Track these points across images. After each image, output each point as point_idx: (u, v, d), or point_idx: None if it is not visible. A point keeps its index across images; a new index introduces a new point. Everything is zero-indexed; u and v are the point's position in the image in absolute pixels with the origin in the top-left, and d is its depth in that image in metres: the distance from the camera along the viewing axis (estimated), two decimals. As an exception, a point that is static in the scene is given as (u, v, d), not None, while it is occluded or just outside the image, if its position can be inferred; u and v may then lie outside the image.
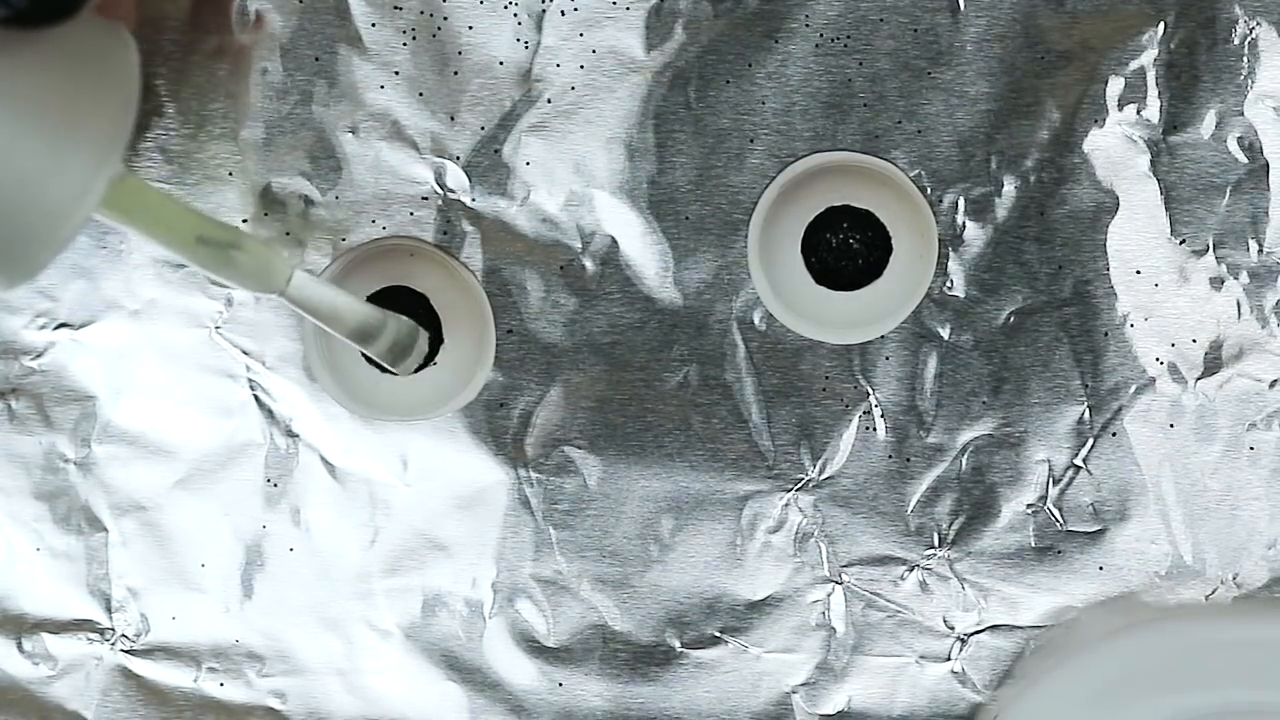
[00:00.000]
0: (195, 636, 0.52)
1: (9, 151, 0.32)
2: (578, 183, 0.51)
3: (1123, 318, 0.51)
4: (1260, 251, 0.51)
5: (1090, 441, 0.51)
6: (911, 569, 0.51)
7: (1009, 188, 0.50)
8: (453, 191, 0.51)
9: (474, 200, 0.51)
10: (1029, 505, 0.51)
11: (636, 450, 0.51)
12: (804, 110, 0.50)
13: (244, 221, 0.50)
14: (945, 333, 0.51)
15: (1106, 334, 0.51)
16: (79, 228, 0.36)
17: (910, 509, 0.51)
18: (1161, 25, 0.50)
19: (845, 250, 0.51)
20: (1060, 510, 0.51)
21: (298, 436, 0.51)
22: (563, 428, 0.51)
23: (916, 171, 0.50)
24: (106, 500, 0.52)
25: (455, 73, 0.50)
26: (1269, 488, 0.51)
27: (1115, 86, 0.50)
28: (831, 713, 0.52)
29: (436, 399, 0.51)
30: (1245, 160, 0.50)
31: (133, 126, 0.36)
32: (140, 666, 0.52)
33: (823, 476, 0.51)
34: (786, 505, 0.51)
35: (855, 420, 0.51)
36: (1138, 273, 0.51)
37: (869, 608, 0.52)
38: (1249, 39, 0.50)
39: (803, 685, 0.52)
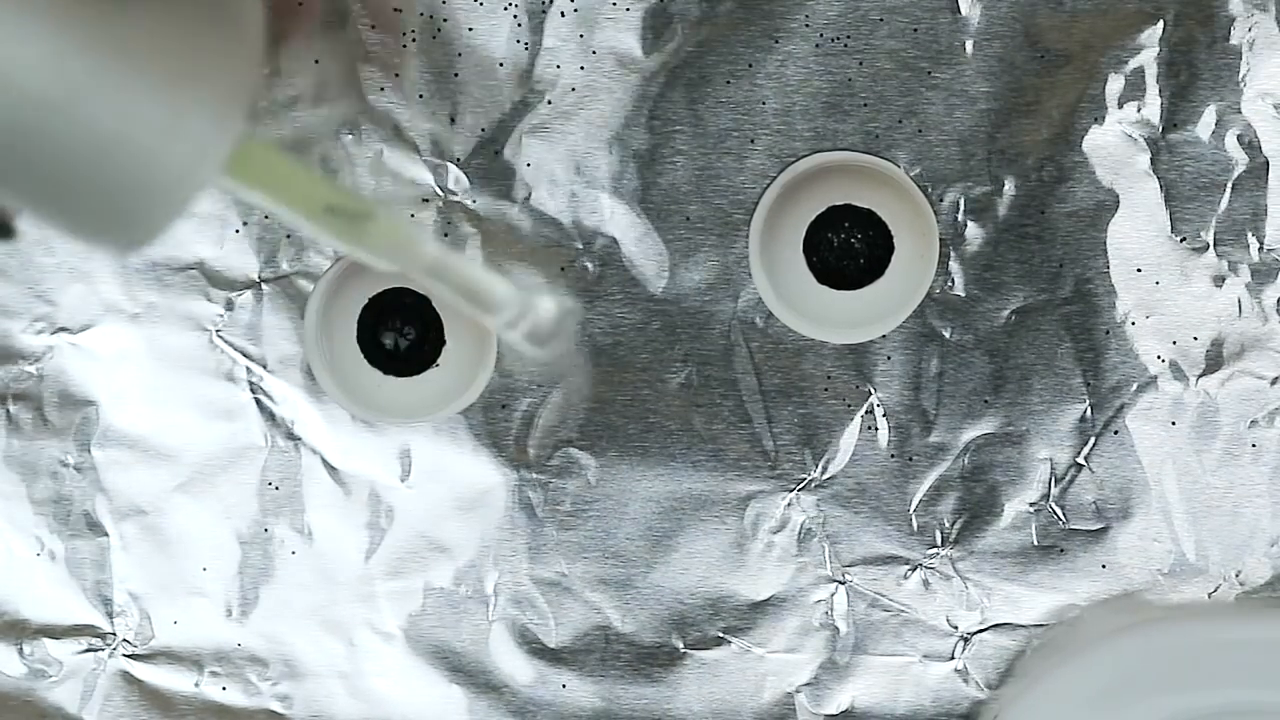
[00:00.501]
0: (197, 640, 0.52)
1: (124, 105, 0.30)
2: (578, 183, 0.51)
3: (1124, 316, 0.51)
4: (1260, 248, 0.51)
5: (1092, 440, 0.51)
6: (914, 568, 0.51)
7: (1009, 186, 0.50)
8: (453, 193, 0.51)
9: (474, 201, 0.51)
10: (1031, 504, 0.51)
11: (638, 451, 0.51)
12: (804, 110, 0.50)
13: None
14: (947, 332, 0.51)
15: (1108, 332, 0.51)
16: (199, 190, 0.33)
17: (913, 508, 0.51)
18: (1161, 24, 0.50)
19: (847, 250, 0.51)
20: (1062, 509, 0.51)
21: (299, 439, 0.51)
22: (564, 429, 0.51)
23: (917, 171, 0.50)
24: (107, 505, 0.51)
25: (455, 74, 0.50)
26: (1271, 485, 0.51)
27: (1115, 85, 0.50)
28: (835, 712, 0.52)
29: (438, 400, 0.51)
30: (1245, 158, 0.50)
31: (259, 83, 0.34)
32: (142, 671, 0.52)
33: (825, 476, 0.51)
34: (789, 505, 0.51)
35: (857, 420, 0.51)
36: (1138, 271, 0.51)
37: (872, 607, 0.52)
38: (1248, 37, 0.50)
39: (806, 685, 0.52)
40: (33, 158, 0.29)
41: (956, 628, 0.52)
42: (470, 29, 0.50)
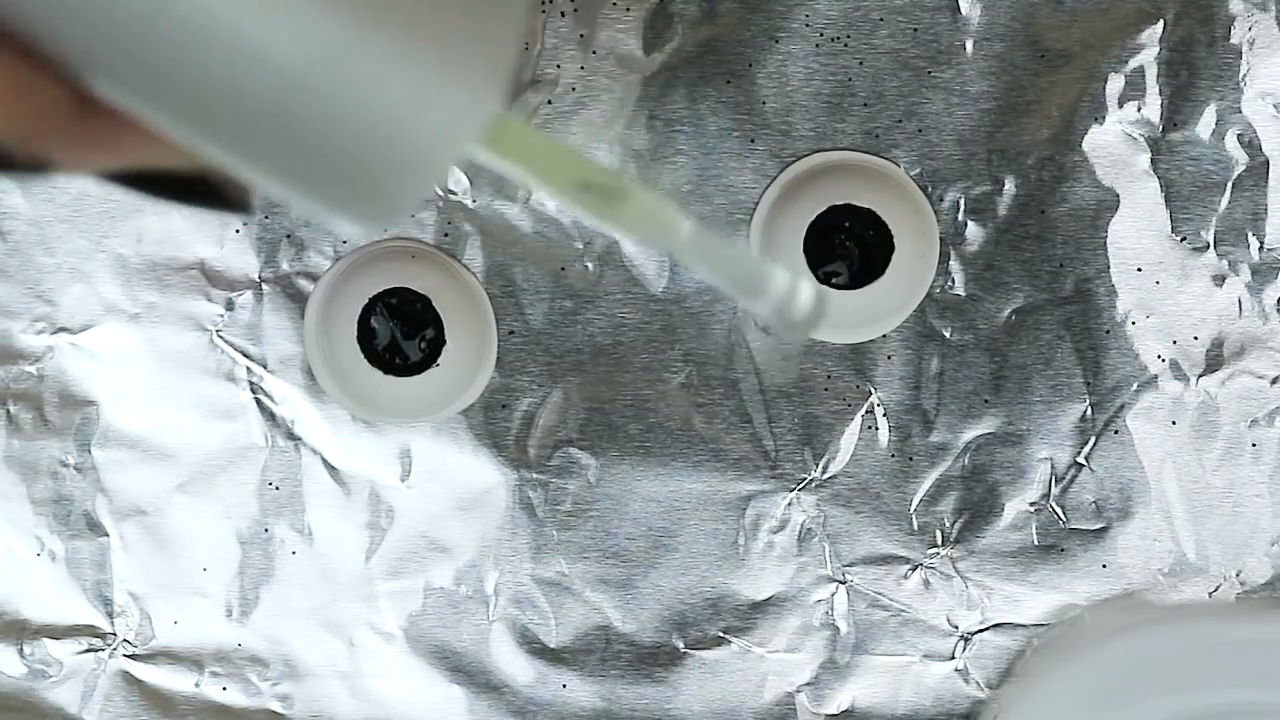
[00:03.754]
0: (197, 641, 0.52)
1: (382, 78, 0.30)
2: (578, 183, 0.51)
3: (1124, 315, 0.51)
4: (1261, 248, 0.51)
5: (1092, 439, 0.51)
6: (915, 568, 0.51)
7: (1009, 186, 0.51)
8: (453, 193, 0.51)
9: (474, 202, 0.51)
10: (1032, 503, 0.51)
11: (639, 451, 0.51)
12: (804, 110, 0.50)
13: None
14: (947, 331, 0.51)
15: (1108, 331, 0.51)
16: (451, 163, 0.33)
17: (913, 508, 0.51)
18: (1161, 23, 0.50)
19: (847, 249, 0.51)
20: (1063, 508, 0.51)
21: (299, 439, 0.51)
22: (564, 428, 0.51)
23: (917, 170, 0.50)
24: (107, 505, 0.51)
25: (455, 74, 0.50)
26: (1271, 484, 0.51)
27: (1115, 84, 0.50)
28: (835, 712, 0.52)
29: (438, 400, 0.51)
30: (1245, 157, 0.50)
31: (519, 55, 0.33)
32: (142, 671, 0.52)
33: (825, 476, 0.51)
34: (789, 505, 0.51)
35: (858, 419, 0.51)
36: (1139, 270, 0.51)
37: (872, 607, 0.51)
38: (1248, 36, 0.50)
39: (806, 685, 0.52)
40: (282, 134, 0.28)
41: (957, 627, 0.52)
42: (470, 29, 0.50)
